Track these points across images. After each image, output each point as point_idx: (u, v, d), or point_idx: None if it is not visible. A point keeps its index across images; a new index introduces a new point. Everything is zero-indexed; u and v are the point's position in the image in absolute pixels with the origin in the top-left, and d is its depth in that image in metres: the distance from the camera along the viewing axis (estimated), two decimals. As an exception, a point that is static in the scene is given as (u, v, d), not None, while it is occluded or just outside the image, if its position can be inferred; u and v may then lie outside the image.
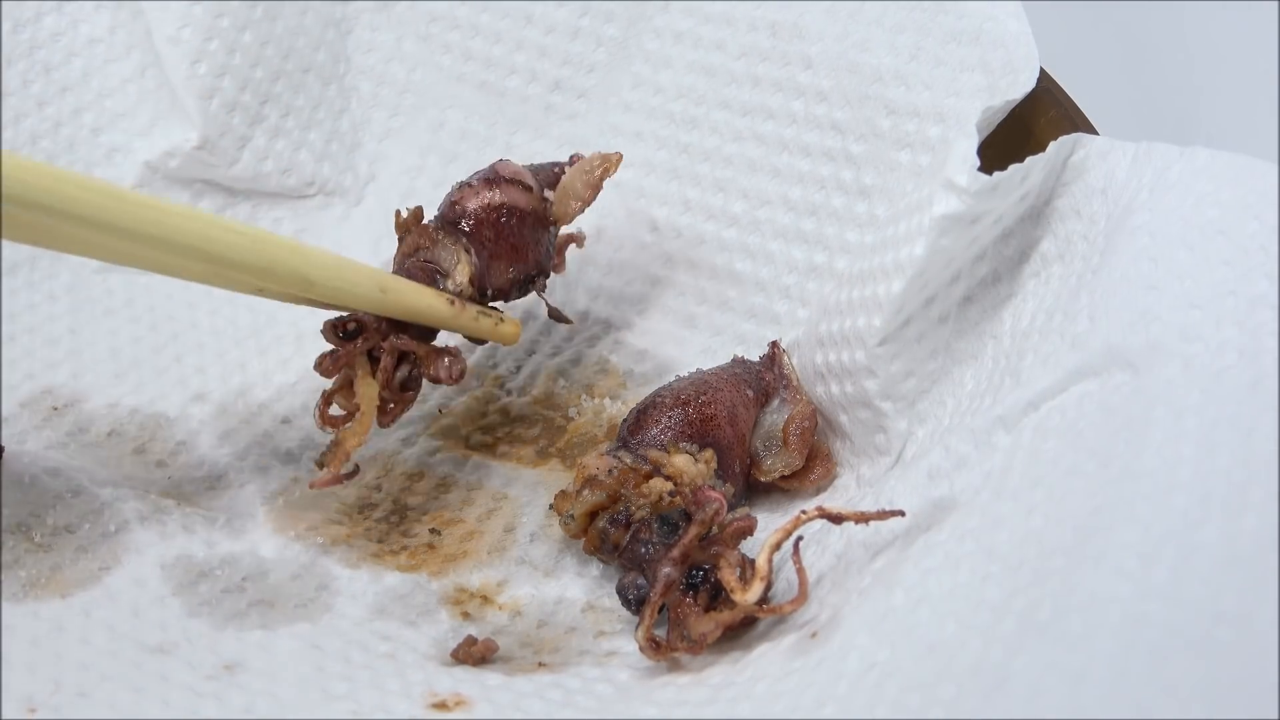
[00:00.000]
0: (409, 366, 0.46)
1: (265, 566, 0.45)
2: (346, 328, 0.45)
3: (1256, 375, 0.35)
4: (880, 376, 0.46)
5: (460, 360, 0.47)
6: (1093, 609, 0.32)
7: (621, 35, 0.56)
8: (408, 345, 0.46)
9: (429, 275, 0.47)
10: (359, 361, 0.46)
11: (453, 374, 0.46)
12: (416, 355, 0.46)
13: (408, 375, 0.46)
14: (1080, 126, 0.48)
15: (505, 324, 0.50)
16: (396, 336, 0.46)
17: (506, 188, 0.49)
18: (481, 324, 0.48)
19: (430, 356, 0.47)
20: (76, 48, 0.57)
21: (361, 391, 0.45)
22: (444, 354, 0.47)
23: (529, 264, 0.49)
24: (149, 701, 0.38)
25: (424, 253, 0.48)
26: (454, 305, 0.47)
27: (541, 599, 0.45)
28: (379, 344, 0.46)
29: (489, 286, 0.49)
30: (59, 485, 0.46)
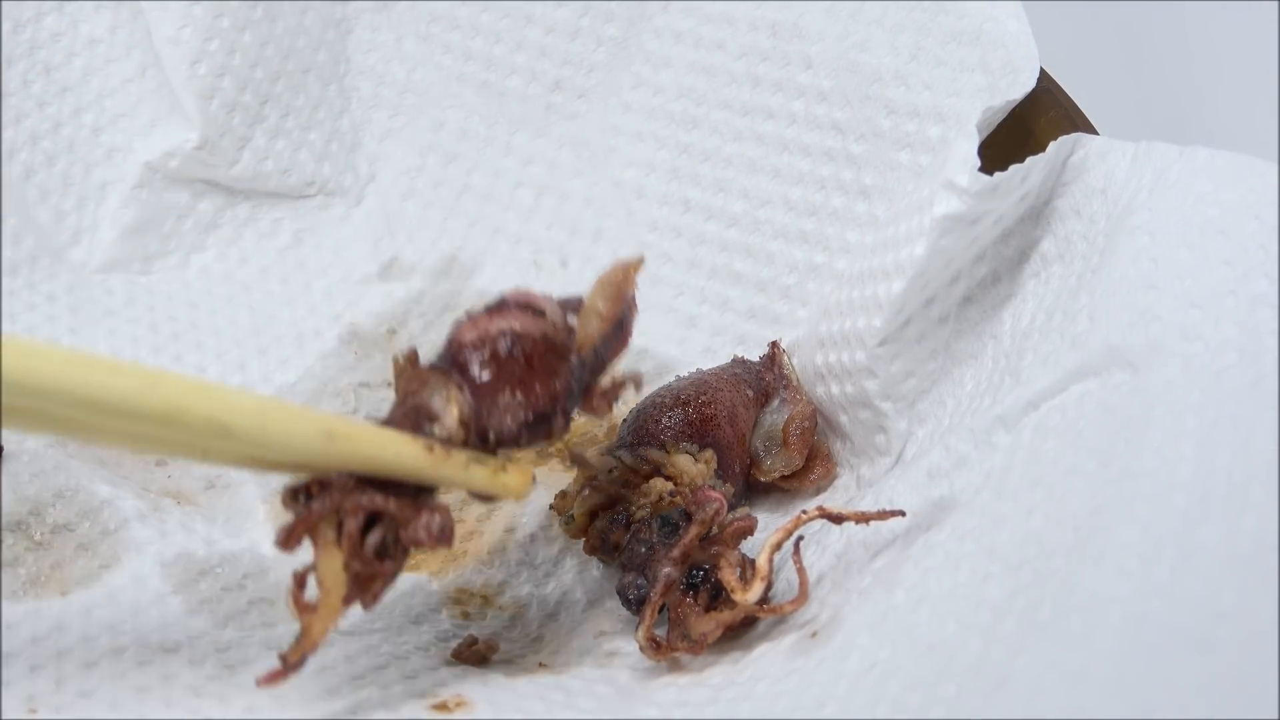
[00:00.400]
0: (383, 530, 0.38)
1: (265, 564, 0.45)
2: (309, 491, 0.38)
3: (1257, 374, 0.35)
4: (880, 377, 0.46)
5: (444, 516, 0.39)
6: (1093, 608, 0.33)
7: (622, 35, 0.56)
8: (375, 503, 0.38)
9: (414, 420, 0.40)
10: (321, 531, 0.38)
11: (433, 533, 0.38)
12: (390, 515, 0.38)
13: (381, 541, 0.38)
14: (1080, 126, 0.48)
15: (509, 473, 0.40)
16: (362, 493, 0.38)
17: (512, 315, 0.41)
18: (474, 474, 0.39)
19: (406, 515, 0.38)
20: (77, 48, 0.57)
21: (323, 566, 0.38)
22: (424, 510, 0.39)
23: (540, 399, 0.40)
24: (151, 701, 0.38)
25: (412, 398, 0.40)
26: (434, 453, 0.38)
27: (542, 599, 0.45)
28: (342, 504, 0.38)
29: (490, 430, 0.40)
30: (58, 483, 0.46)
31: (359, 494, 0.38)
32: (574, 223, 0.56)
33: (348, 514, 0.38)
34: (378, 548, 0.38)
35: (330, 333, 0.55)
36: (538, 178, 0.57)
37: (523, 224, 0.57)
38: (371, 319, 0.55)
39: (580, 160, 0.57)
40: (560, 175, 0.57)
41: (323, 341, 0.55)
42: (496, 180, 0.58)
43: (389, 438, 0.38)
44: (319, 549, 0.38)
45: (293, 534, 0.37)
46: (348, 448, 0.37)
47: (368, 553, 0.38)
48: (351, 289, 0.57)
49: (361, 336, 0.55)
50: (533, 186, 0.57)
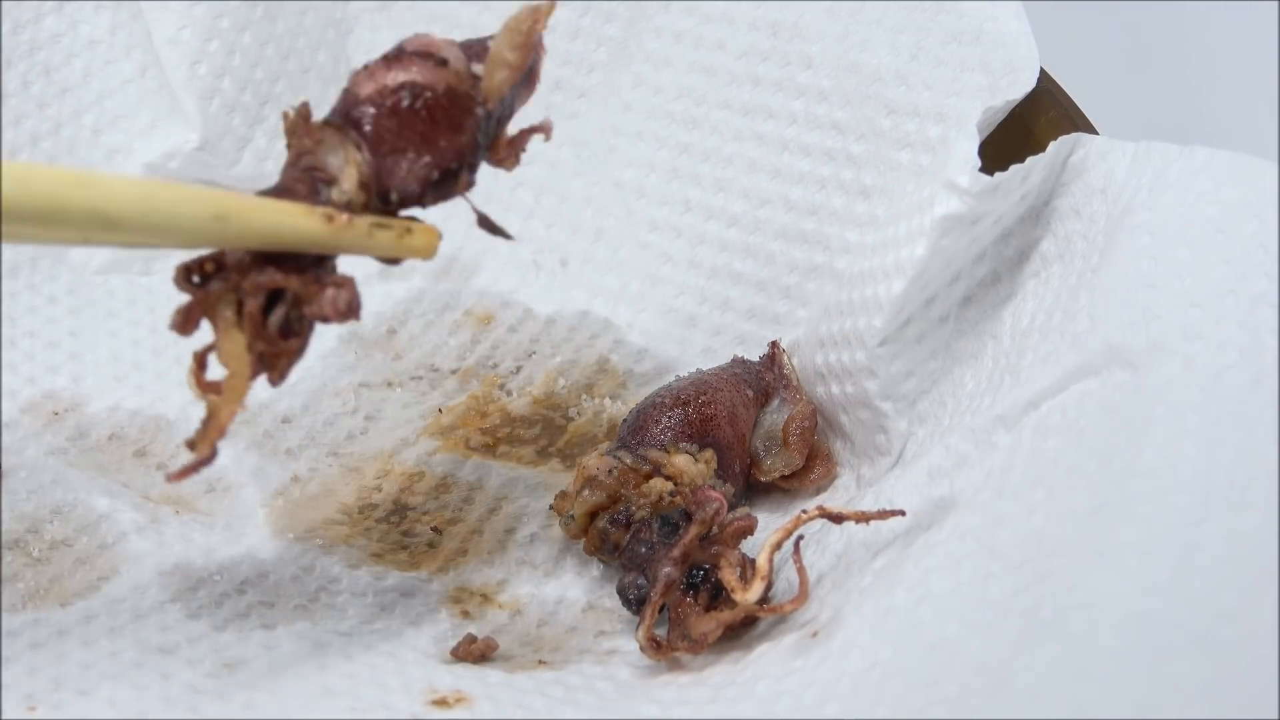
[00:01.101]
0: (285, 307, 0.37)
1: (265, 568, 0.45)
2: (203, 270, 0.36)
3: (1257, 373, 0.35)
4: (881, 377, 0.46)
5: (349, 289, 0.37)
6: (1094, 607, 0.33)
7: (622, 35, 0.56)
8: (275, 280, 0.36)
9: (310, 186, 0.37)
10: (221, 311, 0.36)
11: (339, 308, 0.37)
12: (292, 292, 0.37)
13: (286, 318, 0.37)
14: (1080, 126, 0.48)
15: (414, 234, 0.39)
16: (259, 272, 0.36)
17: (412, 64, 0.39)
18: (379, 239, 0.38)
19: (309, 290, 0.37)
20: (77, 49, 0.57)
21: (227, 350, 0.36)
22: (326, 285, 0.37)
23: (445, 155, 0.39)
24: (150, 699, 0.38)
25: (307, 158, 0.38)
26: (333, 222, 0.37)
27: (542, 599, 0.45)
28: (240, 284, 0.36)
29: (392, 190, 0.38)
30: (55, 499, 0.46)
31: (257, 272, 0.36)
32: (574, 223, 0.56)
33: (247, 294, 0.36)
34: (281, 326, 0.37)
35: (330, 333, 0.55)
36: (538, 178, 0.57)
37: (523, 224, 0.57)
38: (371, 319, 0.55)
39: (580, 160, 0.57)
40: (560, 175, 0.57)
41: (323, 341, 0.55)
42: (496, 180, 0.58)
43: (285, 210, 0.36)
44: (220, 330, 0.36)
45: (189, 316, 0.36)
46: (241, 226, 0.35)
47: (271, 332, 0.37)
48: (351, 289, 0.57)
49: (361, 336, 0.55)
50: (533, 187, 0.57)
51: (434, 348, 0.55)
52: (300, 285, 0.37)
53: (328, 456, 0.50)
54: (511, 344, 0.55)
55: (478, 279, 0.57)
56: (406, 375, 0.54)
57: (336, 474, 0.50)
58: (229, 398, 0.36)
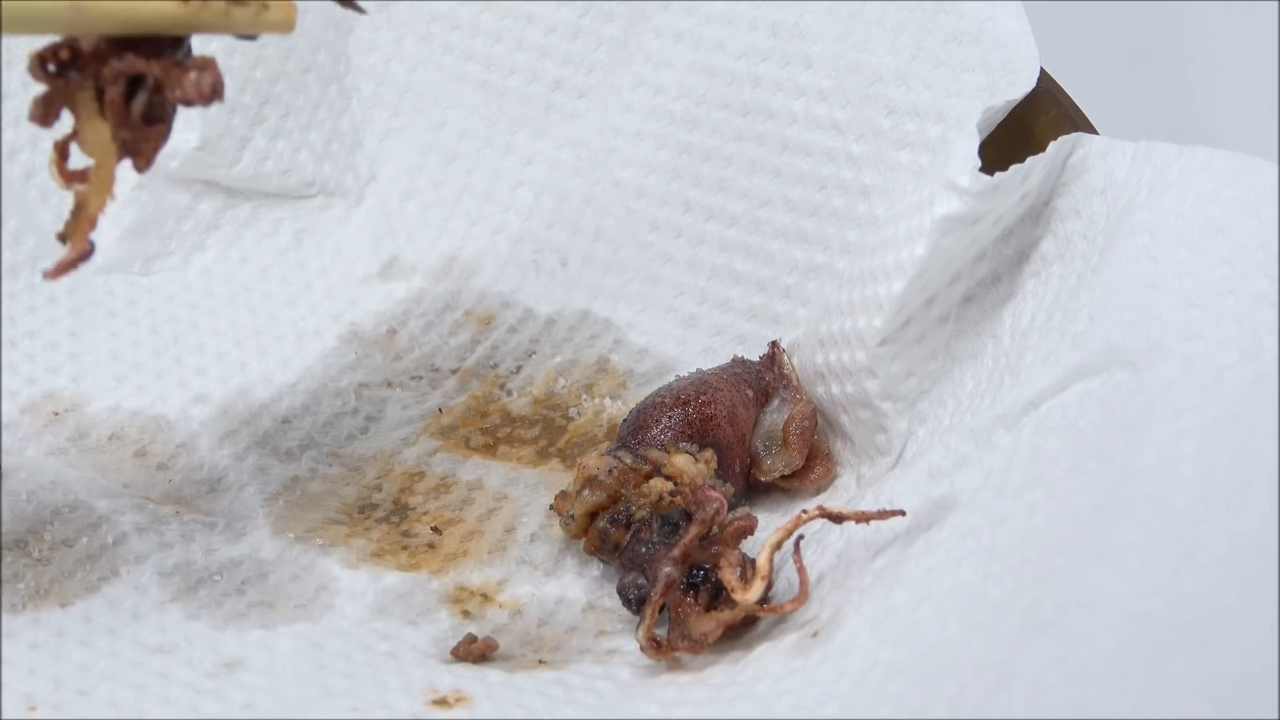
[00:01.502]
0: (147, 93, 0.36)
1: (265, 568, 0.45)
2: (59, 57, 0.36)
3: (1257, 373, 0.35)
4: (881, 377, 0.46)
5: (211, 71, 0.36)
6: (1094, 607, 0.33)
7: (622, 35, 0.56)
8: (135, 67, 0.36)
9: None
10: (81, 100, 0.36)
11: (203, 90, 0.36)
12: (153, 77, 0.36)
13: (148, 104, 0.36)
14: (1080, 126, 0.48)
15: (270, 10, 0.38)
16: (118, 58, 0.36)
17: None
18: (236, 17, 0.37)
19: (171, 74, 0.36)
20: (77, 49, 0.57)
21: (91, 139, 0.36)
22: (188, 68, 0.36)
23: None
24: (149, 699, 0.38)
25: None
26: (189, 2, 0.36)
27: (542, 598, 0.45)
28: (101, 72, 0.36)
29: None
30: (56, 500, 0.46)
31: (116, 59, 0.36)
32: (574, 223, 0.56)
33: (108, 81, 0.36)
34: (144, 112, 0.37)
35: (330, 333, 0.55)
36: (538, 178, 0.57)
37: (523, 224, 0.57)
38: (371, 319, 0.55)
39: (580, 160, 0.57)
40: (560, 175, 0.57)
41: (323, 341, 0.55)
42: (496, 180, 0.58)
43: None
44: (81, 120, 0.36)
45: (49, 107, 0.36)
46: (98, 12, 0.35)
47: (135, 119, 0.36)
48: (351, 289, 0.57)
49: (361, 336, 0.55)
50: (533, 186, 0.57)
51: (434, 348, 0.55)
52: (161, 70, 0.36)
53: (328, 456, 0.50)
54: (511, 344, 0.55)
55: (478, 279, 0.57)
56: (406, 375, 0.54)
57: (336, 474, 0.50)
58: (97, 188, 0.36)
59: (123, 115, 0.36)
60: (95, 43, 0.36)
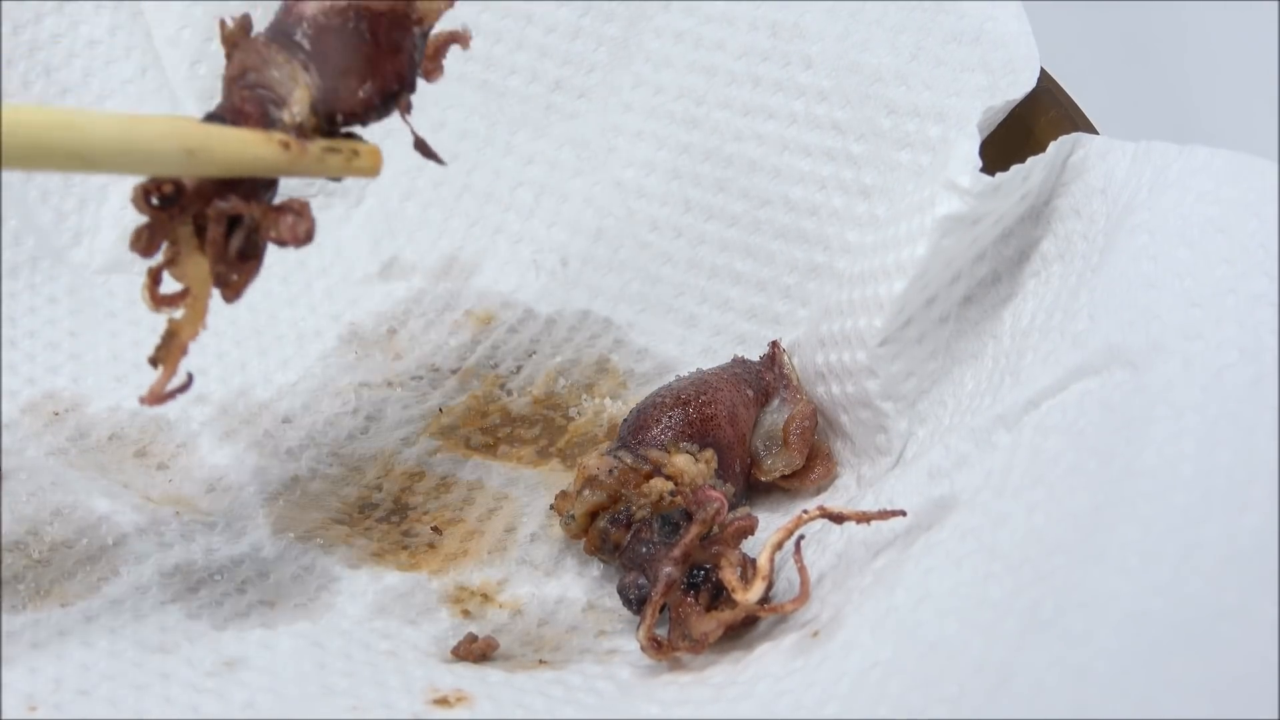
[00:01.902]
0: (244, 231, 0.39)
1: (265, 568, 0.45)
2: (162, 192, 0.37)
3: (1257, 373, 0.35)
4: (881, 377, 0.46)
5: (306, 217, 0.39)
6: (1095, 606, 0.33)
7: (622, 35, 0.56)
8: (237, 208, 0.38)
9: (259, 105, 0.39)
10: (182, 234, 0.38)
11: (298, 234, 0.38)
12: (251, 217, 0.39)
13: (245, 242, 0.39)
14: (1080, 126, 0.48)
15: (361, 156, 0.41)
16: (222, 199, 0.38)
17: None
18: (330, 163, 0.40)
19: (269, 218, 0.39)
20: (77, 49, 0.57)
21: (189, 272, 0.38)
22: (286, 211, 0.39)
23: (387, 78, 0.40)
24: (150, 699, 0.38)
25: (253, 75, 0.39)
26: (290, 149, 0.38)
27: (542, 598, 0.45)
28: (202, 210, 0.38)
29: (338, 112, 0.40)
30: (56, 501, 0.46)
31: (219, 199, 0.38)
32: (574, 223, 0.56)
33: (210, 220, 0.38)
34: (242, 250, 0.39)
35: (330, 333, 0.55)
36: (538, 178, 0.57)
37: (523, 224, 0.57)
38: (371, 319, 0.55)
39: (580, 160, 0.57)
40: (560, 175, 0.57)
41: (323, 341, 0.55)
42: (496, 180, 0.58)
43: (246, 141, 0.38)
44: (180, 252, 0.38)
45: (152, 238, 0.38)
46: (208, 158, 0.37)
47: (232, 256, 0.39)
48: (351, 289, 0.57)
49: (361, 336, 0.55)
50: (533, 186, 0.57)
51: (434, 348, 0.55)
52: (260, 212, 0.38)
53: (328, 456, 0.50)
54: (512, 344, 0.55)
55: (478, 279, 0.57)
56: (407, 375, 0.54)
57: (336, 474, 0.50)
58: (191, 318, 0.38)
59: (222, 252, 0.38)
60: (199, 180, 0.37)
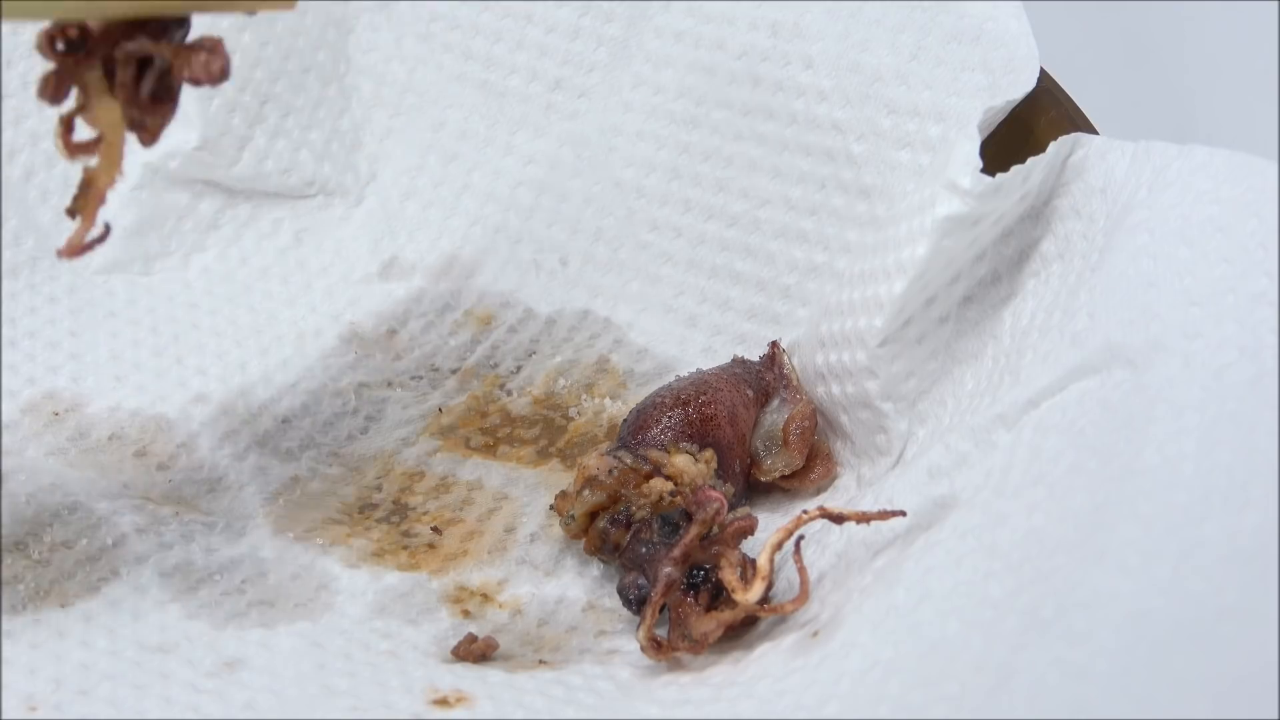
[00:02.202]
0: (156, 73, 0.37)
1: (265, 567, 0.45)
2: (67, 36, 0.37)
3: (1257, 372, 0.35)
4: (881, 377, 0.46)
5: (220, 54, 0.37)
6: (1095, 606, 0.33)
7: (622, 34, 0.56)
8: (146, 49, 0.37)
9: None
10: (91, 79, 0.37)
11: (212, 71, 0.37)
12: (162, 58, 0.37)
13: (157, 84, 0.37)
14: (1080, 126, 0.48)
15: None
16: (130, 40, 0.37)
17: None
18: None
19: (181, 57, 0.37)
20: (76, 49, 0.57)
21: (101, 117, 0.37)
22: (197, 49, 0.37)
23: None
24: (150, 699, 0.38)
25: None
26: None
27: (542, 598, 0.45)
28: (110, 53, 0.37)
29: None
30: (56, 501, 0.46)
31: (127, 40, 0.37)
32: (574, 223, 0.56)
33: (118, 62, 0.37)
34: (156, 91, 0.38)
35: (330, 333, 0.55)
36: (538, 178, 0.57)
37: (523, 224, 0.57)
38: (371, 319, 0.55)
39: (580, 160, 0.57)
40: (560, 175, 0.57)
41: (323, 341, 0.55)
42: (496, 180, 0.58)
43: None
44: (90, 97, 0.37)
45: (59, 85, 0.37)
46: None
47: (144, 98, 0.38)
48: (351, 289, 0.57)
49: (361, 336, 0.55)
50: (533, 186, 0.57)
51: (434, 348, 0.55)
52: (172, 52, 0.37)
53: (328, 456, 0.50)
54: (511, 344, 0.55)
55: (478, 279, 0.57)
56: (406, 375, 0.54)
57: (336, 474, 0.50)
58: (107, 164, 0.37)
59: (133, 95, 0.37)
60: (104, 23, 0.36)
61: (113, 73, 0.37)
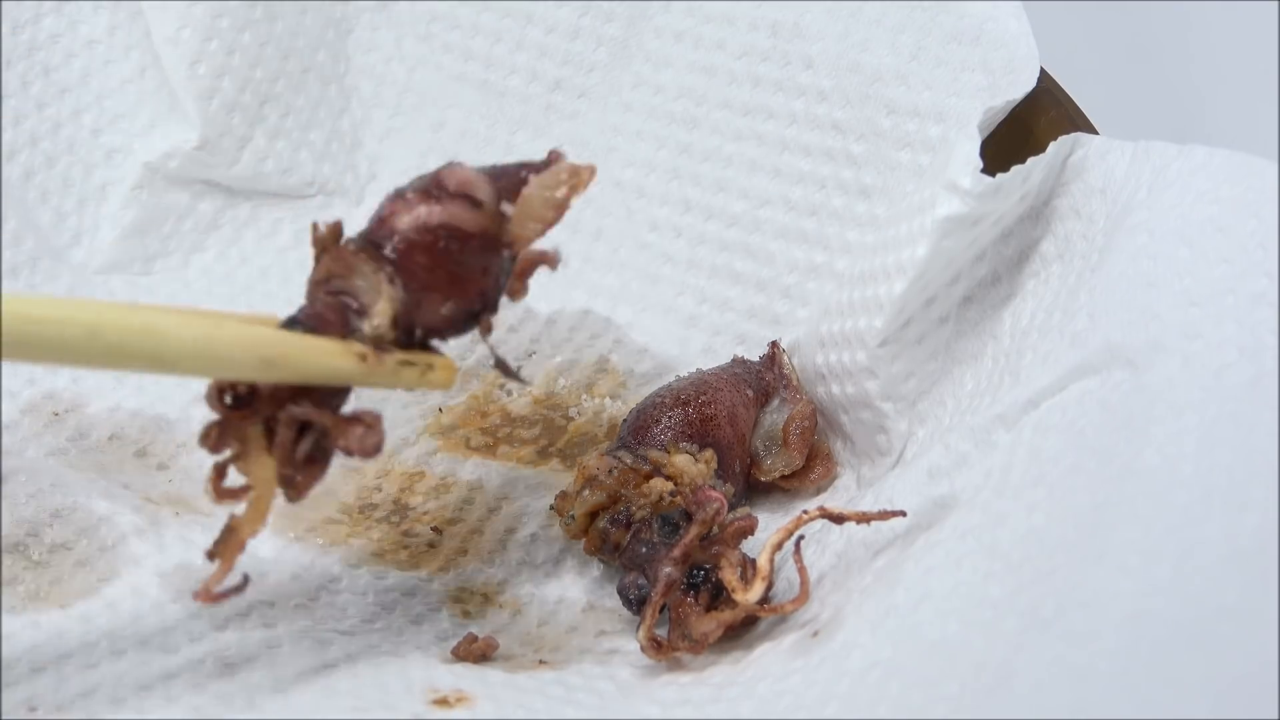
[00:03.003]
0: (313, 437, 0.38)
1: (265, 567, 0.45)
2: (236, 392, 0.38)
3: (1257, 372, 0.35)
4: (881, 377, 0.46)
5: (377, 430, 0.39)
6: (1095, 606, 0.33)
7: (622, 35, 0.56)
8: (309, 415, 0.38)
9: (341, 313, 0.39)
10: (251, 434, 0.38)
11: (366, 448, 0.38)
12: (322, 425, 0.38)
13: (313, 447, 0.39)
14: (1080, 126, 0.48)
15: (436, 370, 0.41)
16: (296, 404, 0.38)
17: (450, 204, 0.39)
18: (404, 376, 0.40)
19: (339, 426, 0.38)
20: (76, 49, 0.57)
21: (255, 473, 0.38)
22: (357, 423, 0.38)
23: (471, 298, 0.40)
24: (151, 699, 0.38)
25: (338, 281, 0.39)
26: (366, 361, 0.38)
27: (542, 598, 0.45)
28: (274, 414, 0.38)
29: (418, 326, 0.40)
30: (55, 503, 0.46)
31: (292, 404, 0.38)
32: (574, 223, 0.56)
33: (281, 424, 0.38)
34: (310, 454, 0.38)
35: (330, 333, 0.55)
36: (538, 178, 0.57)
37: (523, 224, 0.57)
38: (263, 386, 0.55)
39: (580, 160, 0.57)
40: (560, 175, 0.57)
41: (323, 341, 0.55)
42: (496, 180, 0.58)
43: (324, 351, 0.38)
44: (249, 452, 0.38)
45: (221, 436, 0.38)
46: (285, 369, 0.37)
47: (299, 460, 0.38)
48: (351, 289, 0.57)
49: (362, 336, 0.55)
50: (533, 186, 0.57)
51: (434, 348, 0.55)
52: (331, 422, 0.38)
53: (328, 456, 0.50)
54: (511, 344, 0.55)
55: (478, 279, 0.57)
56: (406, 375, 0.54)
57: (336, 474, 0.50)
58: (252, 516, 0.38)
59: (289, 456, 0.38)
60: (274, 387, 0.37)
61: (272, 430, 0.38)
